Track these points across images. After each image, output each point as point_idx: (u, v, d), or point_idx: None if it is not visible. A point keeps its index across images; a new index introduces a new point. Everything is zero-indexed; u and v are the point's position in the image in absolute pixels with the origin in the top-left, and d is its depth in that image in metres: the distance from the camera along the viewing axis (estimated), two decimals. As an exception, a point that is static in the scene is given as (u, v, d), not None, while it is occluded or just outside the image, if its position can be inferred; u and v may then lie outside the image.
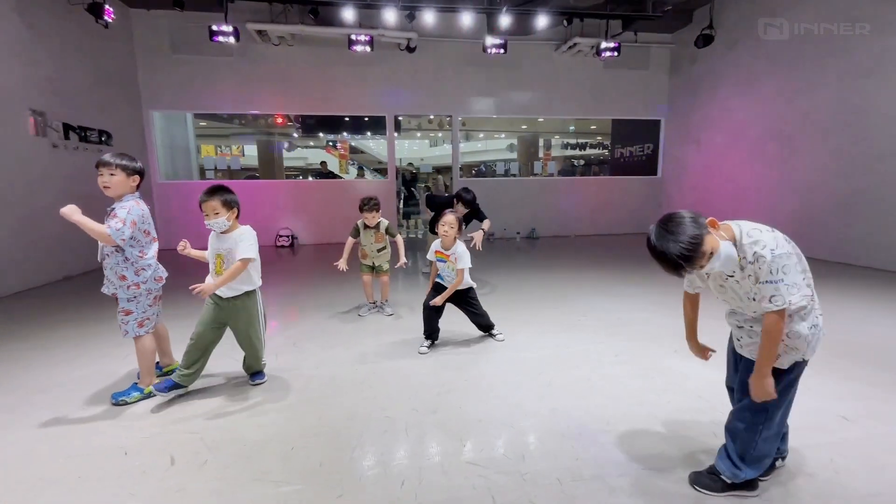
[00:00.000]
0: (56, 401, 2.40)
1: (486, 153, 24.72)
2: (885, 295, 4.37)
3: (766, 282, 1.38)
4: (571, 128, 19.52)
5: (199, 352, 2.39)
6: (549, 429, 2.07)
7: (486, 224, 4.47)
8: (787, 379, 1.53)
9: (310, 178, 22.07)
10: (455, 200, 4.41)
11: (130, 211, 2.28)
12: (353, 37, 7.18)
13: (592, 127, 18.45)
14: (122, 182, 2.28)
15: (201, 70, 7.77)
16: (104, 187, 2.27)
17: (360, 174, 17.07)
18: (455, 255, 3.02)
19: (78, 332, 3.55)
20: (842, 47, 5.99)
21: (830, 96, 6.19)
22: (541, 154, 20.45)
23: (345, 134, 18.03)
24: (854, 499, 1.60)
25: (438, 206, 4.69)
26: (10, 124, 4.92)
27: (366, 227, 3.80)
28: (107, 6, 5.78)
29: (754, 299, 1.44)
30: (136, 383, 2.44)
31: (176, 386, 2.35)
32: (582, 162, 22.94)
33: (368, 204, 3.72)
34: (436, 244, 3.12)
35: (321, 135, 17.91)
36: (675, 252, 1.35)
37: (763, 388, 1.46)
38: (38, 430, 2.12)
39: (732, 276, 1.48)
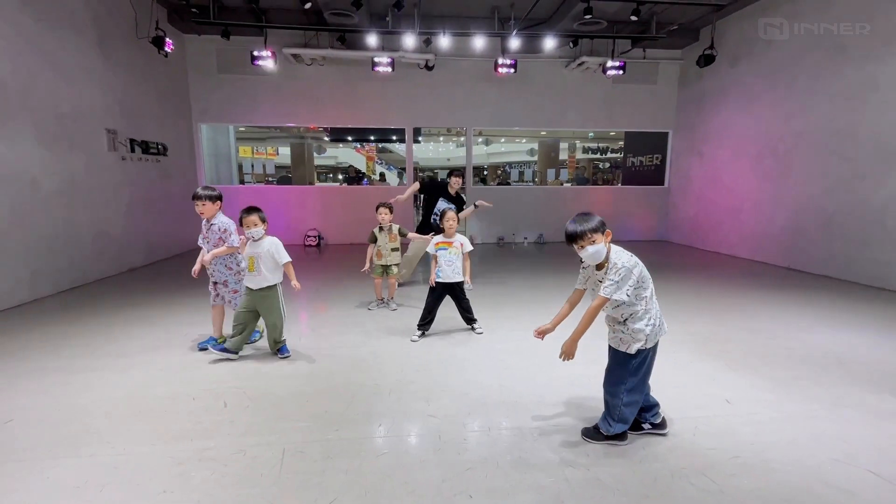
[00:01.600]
0: (139, 362, 3.28)
1: (510, 154, 25.26)
2: (844, 307, 4.80)
3: (610, 279, 2.08)
4: (591, 133, 19.80)
5: (240, 327, 3.28)
6: (494, 398, 2.78)
7: (468, 210, 5.56)
8: (635, 361, 2.19)
9: (339, 178, 23.24)
10: (449, 176, 5.46)
11: (230, 225, 3.34)
12: (376, 59, 7.99)
13: (612, 133, 18.71)
14: (212, 207, 3.27)
15: (243, 87, 8.77)
16: (201, 213, 3.28)
17: (382, 178, 17.94)
18: (460, 242, 3.79)
19: (150, 311, 4.49)
20: (832, 72, 6.34)
21: (822, 118, 6.54)
22: (563, 157, 20.82)
23: (371, 138, 18.98)
24: (699, 449, 2.23)
25: (434, 188, 5.59)
26: (92, 142, 5.96)
27: (380, 229, 4.59)
28: (167, 38, 6.79)
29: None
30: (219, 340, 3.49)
31: (225, 350, 3.28)
32: (607, 164, 23.18)
33: (384, 204, 4.63)
34: (436, 238, 3.83)
35: (349, 138, 18.93)
36: (576, 229, 2.09)
37: (570, 348, 2.24)
38: (134, 376, 2.99)
39: (599, 272, 2.17)
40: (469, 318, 3.97)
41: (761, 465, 2.11)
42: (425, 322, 3.84)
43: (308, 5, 6.38)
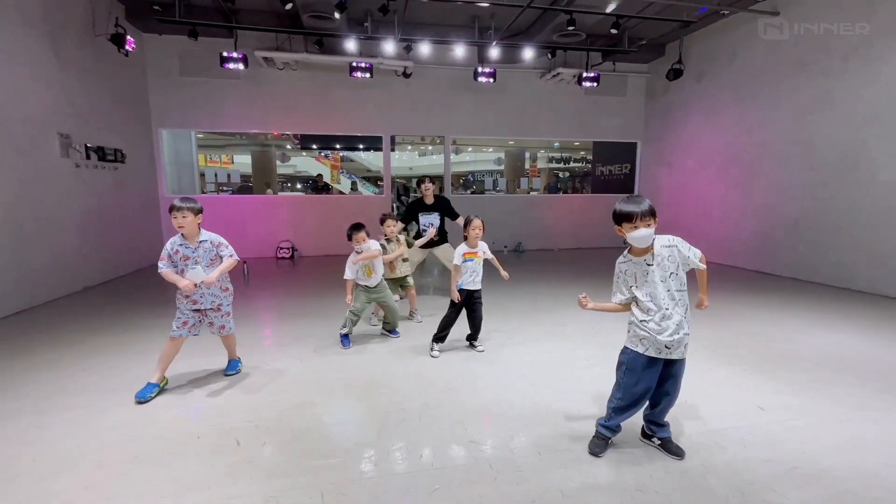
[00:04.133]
0: (120, 398, 2.87)
1: (475, 164, 25.46)
2: (822, 308, 5.06)
3: (688, 249, 2.14)
4: (556, 144, 20.35)
5: (357, 318, 3.90)
6: (530, 416, 2.63)
7: (460, 220, 5.04)
8: (621, 358, 2.22)
9: (299, 187, 22.46)
10: (419, 185, 5.27)
11: (222, 238, 2.99)
12: (354, 64, 7.75)
13: (576, 144, 19.31)
14: (193, 221, 2.82)
15: (208, 91, 8.24)
16: (180, 227, 2.80)
17: (354, 187, 17.53)
18: (482, 250, 3.61)
19: (116, 337, 4.00)
20: (792, 87, 6.78)
21: (784, 129, 6.97)
22: (527, 167, 21.28)
23: (337, 146, 18.52)
24: (754, 462, 2.19)
25: (410, 210, 5.27)
26: (41, 148, 5.33)
27: (388, 240, 4.34)
28: (128, 37, 6.25)
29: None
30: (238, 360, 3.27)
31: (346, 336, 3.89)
32: (567, 174, 23.90)
33: (390, 215, 4.34)
34: (460, 248, 3.58)
35: (314, 146, 18.38)
36: (648, 206, 2.04)
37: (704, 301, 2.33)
38: (120, 415, 2.60)
39: (641, 258, 2.14)
40: (474, 334, 3.78)
41: (821, 475, 2.09)
42: (442, 335, 3.65)
43: (289, 6, 6.07)
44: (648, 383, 2.15)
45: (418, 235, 5.09)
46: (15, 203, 4.90)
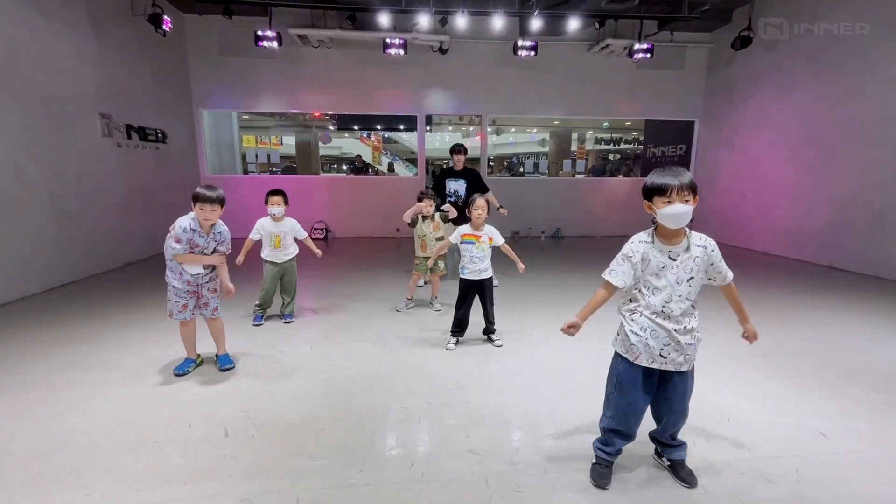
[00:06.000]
0: (131, 376, 2.87)
1: (518, 146, 24.65)
2: (907, 313, 4.34)
3: (720, 261, 1.80)
4: (605, 124, 19.21)
5: (269, 294, 3.90)
6: (544, 426, 2.35)
7: (490, 195, 4.92)
8: (612, 366, 1.90)
9: (344, 168, 22.76)
10: (452, 155, 5.16)
11: (228, 233, 2.95)
12: (388, 40, 7.48)
13: (627, 123, 18.12)
14: (219, 214, 2.78)
15: (247, 71, 8.28)
16: (206, 219, 2.71)
17: (391, 168, 17.46)
18: (489, 235, 3.32)
19: (145, 314, 4.08)
20: (887, 54, 5.80)
21: (874, 105, 6.01)
22: (573, 148, 20.28)
23: (378, 127, 18.45)
24: (808, 505, 1.80)
25: (441, 175, 5.26)
26: (83, 127, 5.52)
27: (423, 218, 4.16)
28: (165, 16, 6.31)
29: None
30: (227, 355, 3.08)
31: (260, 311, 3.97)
32: (618, 156, 22.60)
33: (427, 194, 4.16)
34: (461, 229, 3.36)
35: (355, 127, 18.41)
36: (688, 177, 1.68)
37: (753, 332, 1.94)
38: (120, 400, 2.58)
39: (672, 247, 1.77)
40: (489, 328, 3.51)
41: (899, 530, 1.68)
42: (459, 328, 3.42)
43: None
44: (642, 401, 1.83)
45: (442, 203, 4.93)
46: (59, 180, 5.11)
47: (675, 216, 1.66)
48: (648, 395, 1.84)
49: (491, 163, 24.57)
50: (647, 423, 1.98)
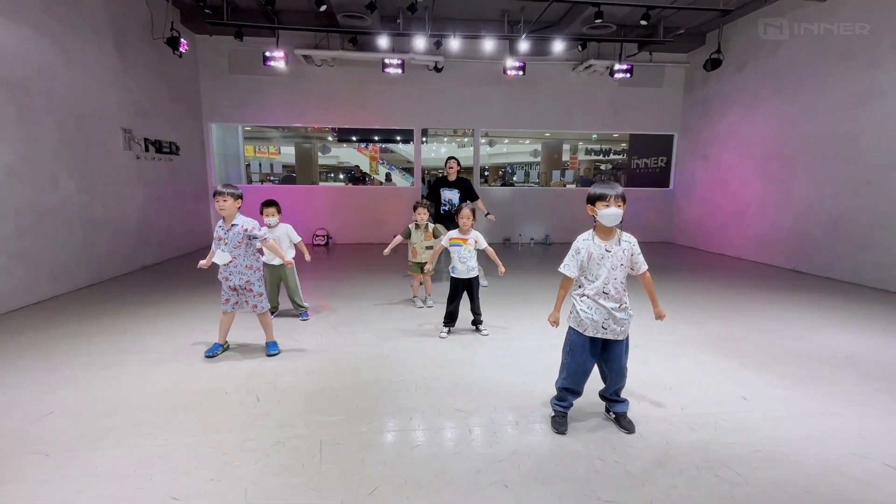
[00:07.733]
0: (169, 357, 3.36)
1: (511, 155, 25.37)
2: (849, 309, 4.90)
3: (639, 253, 2.36)
4: (594, 136, 19.92)
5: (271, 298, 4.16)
6: (518, 394, 2.86)
7: (479, 203, 5.62)
8: (566, 338, 2.42)
9: (342, 177, 23.30)
10: (446, 164, 5.79)
11: (256, 223, 3.35)
12: (387, 60, 8.08)
13: (615, 136, 18.82)
14: (233, 205, 3.23)
15: (254, 87, 8.85)
16: (221, 210, 3.22)
17: (389, 178, 18.02)
18: (475, 239, 3.86)
19: (168, 309, 4.56)
20: (837, 77, 6.44)
21: (828, 123, 6.64)
22: (565, 158, 20.96)
23: (375, 138, 19.05)
24: (719, 444, 2.32)
25: (435, 184, 5.85)
26: (108, 141, 6.03)
27: (416, 226, 4.67)
28: (182, 39, 6.86)
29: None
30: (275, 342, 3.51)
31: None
32: (609, 166, 23.31)
33: (422, 203, 4.71)
34: (451, 233, 3.91)
35: (354, 138, 19.00)
36: (618, 188, 2.26)
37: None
38: (165, 375, 3.07)
39: (605, 242, 2.35)
40: (476, 319, 4.02)
41: (782, 459, 2.20)
42: (451, 319, 3.93)
43: (323, 7, 6.46)
44: (589, 363, 2.37)
45: (437, 211, 5.53)
46: (87, 190, 5.61)
47: (612, 216, 2.23)
48: (594, 359, 2.37)
49: (486, 172, 25.31)
50: (597, 384, 2.50)
